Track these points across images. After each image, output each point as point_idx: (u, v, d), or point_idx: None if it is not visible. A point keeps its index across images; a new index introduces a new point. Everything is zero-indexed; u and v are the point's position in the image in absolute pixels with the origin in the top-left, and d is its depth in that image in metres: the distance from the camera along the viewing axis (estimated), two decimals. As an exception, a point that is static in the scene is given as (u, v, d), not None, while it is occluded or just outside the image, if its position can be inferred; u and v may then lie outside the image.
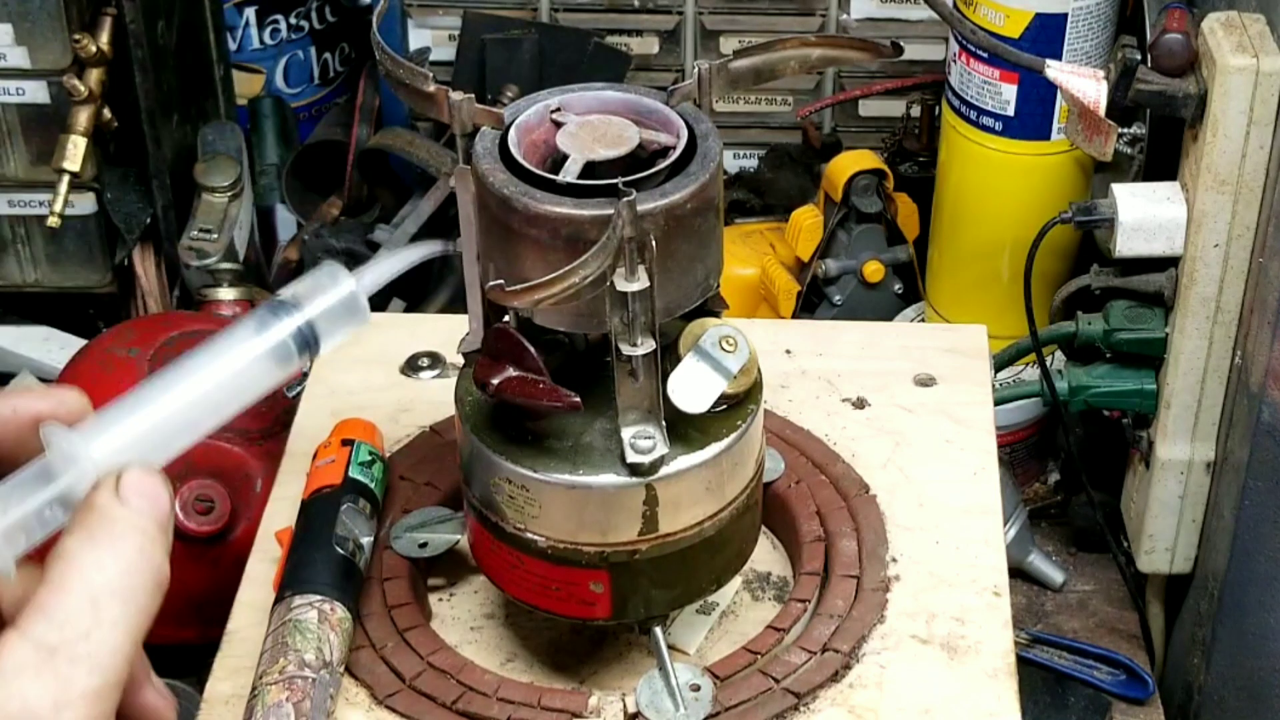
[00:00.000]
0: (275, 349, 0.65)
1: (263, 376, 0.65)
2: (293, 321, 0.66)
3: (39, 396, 0.62)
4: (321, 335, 0.66)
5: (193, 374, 0.63)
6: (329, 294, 0.67)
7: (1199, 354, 1.37)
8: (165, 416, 0.62)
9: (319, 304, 0.66)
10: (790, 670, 0.98)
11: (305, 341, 0.66)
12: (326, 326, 0.67)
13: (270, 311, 0.66)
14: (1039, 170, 1.50)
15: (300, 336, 0.66)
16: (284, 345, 0.65)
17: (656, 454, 0.90)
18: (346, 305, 0.67)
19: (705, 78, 0.92)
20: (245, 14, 1.94)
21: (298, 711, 0.92)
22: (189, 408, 0.62)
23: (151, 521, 0.59)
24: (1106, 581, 1.60)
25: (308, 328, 0.66)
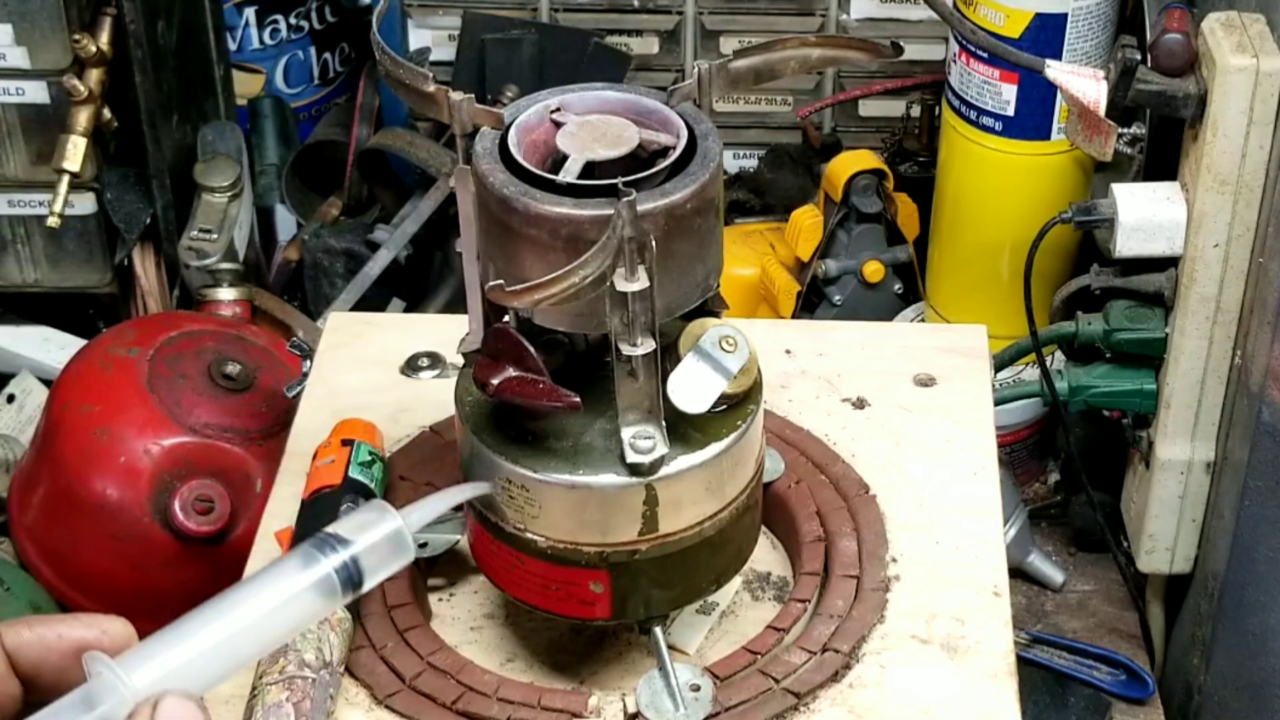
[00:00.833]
0: (319, 584, 0.66)
1: (306, 611, 0.66)
2: (338, 558, 0.67)
3: (84, 625, 0.62)
4: (366, 571, 0.68)
5: (236, 607, 0.63)
6: (375, 530, 0.68)
7: (1199, 354, 1.37)
8: (207, 648, 0.63)
9: (365, 540, 0.68)
10: (790, 670, 0.98)
11: (350, 577, 0.67)
12: (371, 562, 0.68)
13: (316, 547, 0.67)
14: (1039, 170, 1.50)
15: (345, 572, 0.67)
16: (328, 580, 0.66)
17: (656, 454, 0.90)
18: (392, 542, 0.68)
19: (705, 78, 0.92)
20: (245, 14, 1.95)
21: (298, 711, 0.92)
22: (231, 640, 0.63)
23: None
24: (1106, 581, 1.60)
25: (353, 563, 0.67)
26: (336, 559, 0.66)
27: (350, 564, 0.67)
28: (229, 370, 1.46)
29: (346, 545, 0.67)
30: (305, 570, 0.66)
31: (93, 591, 1.45)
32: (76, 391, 1.45)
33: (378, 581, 0.68)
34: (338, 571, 0.66)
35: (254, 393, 1.46)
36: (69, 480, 1.40)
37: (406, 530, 0.70)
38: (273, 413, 1.44)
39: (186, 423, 1.42)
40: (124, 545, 1.40)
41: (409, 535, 0.70)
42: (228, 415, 1.44)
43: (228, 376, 1.46)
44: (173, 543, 1.41)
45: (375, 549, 0.68)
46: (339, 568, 0.66)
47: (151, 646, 0.62)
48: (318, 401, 1.18)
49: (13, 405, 1.71)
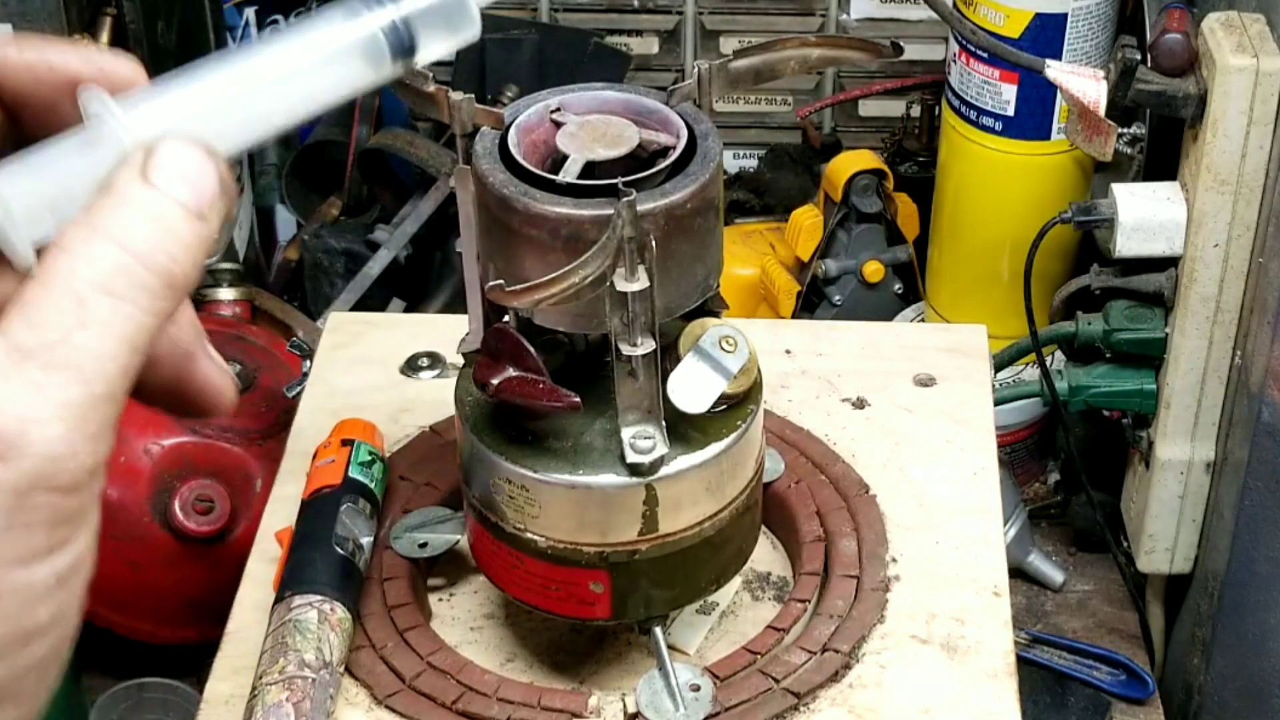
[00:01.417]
0: (365, 41, 0.55)
1: (347, 74, 0.55)
2: (386, 14, 0.56)
3: (81, 58, 0.52)
4: (419, 35, 0.57)
5: (261, 54, 0.53)
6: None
7: (1199, 354, 1.37)
8: (226, 96, 0.52)
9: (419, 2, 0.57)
10: (790, 670, 0.98)
11: (400, 41, 0.56)
12: (427, 28, 0.57)
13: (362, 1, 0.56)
14: (1039, 170, 1.50)
15: (395, 33, 0.56)
16: (375, 39, 0.56)
17: (656, 454, 0.90)
18: (454, 8, 0.58)
19: (705, 78, 0.92)
20: (245, 14, 1.95)
21: (298, 711, 0.92)
22: (254, 91, 0.53)
23: (176, 206, 0.48)
24: (1106, 581, 1.60)
25: (403, 25, 0.56)
26: (385, 14, 0.56)
27: (401, 25, 0.56)
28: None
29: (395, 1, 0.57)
30: (347, 22, 0.55)
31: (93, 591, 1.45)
32: (76, 391, 1.45)
33: (432, 54, 0.58)
34: (386, 30, 0.56)
35: (254, 393, 1.46)
36: (69, 480, 1.40)
37: None
38: (273, 413, 1.44)
39: (186, 423, 1.42)
40: (124, 545, 1.40)
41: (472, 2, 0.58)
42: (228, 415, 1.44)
43: (227, 376, 1.46)
44: (173, 543, 1.41)
45: (431, 11, 0.57)
46: (387, 26, 0.56)
47: (161, 89, 0.52)
48: (318, 401, 1.18)
49: (13, 405, 1.71)
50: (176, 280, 0.48)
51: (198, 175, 0.49)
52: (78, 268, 0.46)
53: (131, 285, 0.47)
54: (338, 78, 0.55)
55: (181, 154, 0.49)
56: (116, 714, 1.51)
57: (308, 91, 0.54)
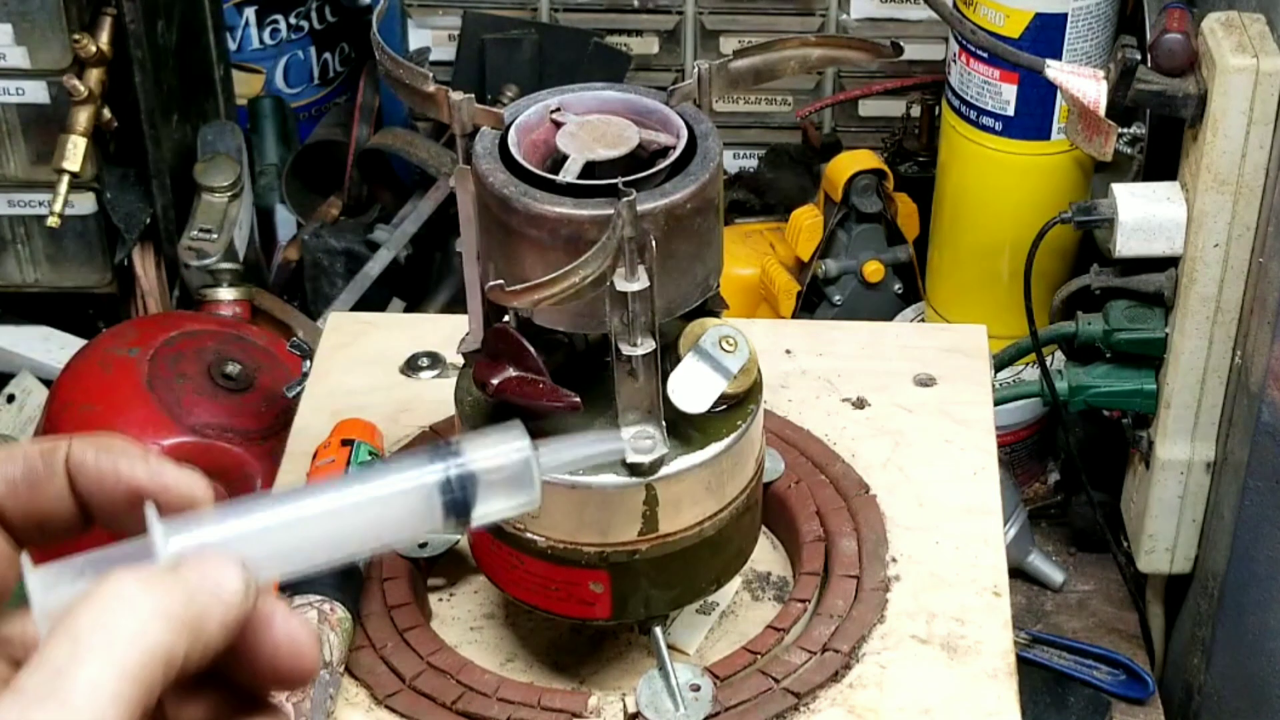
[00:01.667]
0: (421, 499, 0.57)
1: (400, 524, 0.57)
2: (445, 467, 0.57)
3: (147, 471, 0.55)
4: (476, 500, 0.57)
5: (312, 495, 0.56)
6: (497, 450, 0.58)
7: (1199, 354, 1.37)
8: (279, 530, 0.55)
9: (483, 458, 0.58)
10: (790, 670, 0.98)
11: (456, 502, 0.57)
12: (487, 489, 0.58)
13: (427, 453, 0.57)
14: (1039, 170, 1.50)
15: (451, 495, 0.57)
16: (430, 500, 0.57)
17: (656, 454, 0.90)
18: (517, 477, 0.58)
19: (705, 78, 0.92)
20: (245, 14, 1.95)
21: (298, 711, 0.92)
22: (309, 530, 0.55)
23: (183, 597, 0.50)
24: (1106, 581, 1.60)
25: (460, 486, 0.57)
26: (442, 467, 0.57)
27: (458, 485, 0.57)
28: (229, 370, 1.46)
29: (459, 456, 0.57)
30: (405, 472, 0.57)
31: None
32: (76, 391, 1.45)
33: (489, 517, 0.58)
34: (440, 485, 0.57)
35: (254, 393, 1.46)
36: (69, 480, 1.40)
37: (535, 463, 0.59)
38: (273, 413, 1.44)
39: (186, 423, 1.42)
40: (124, 545, 1.40)
41: (536, 470, 0.59)
42: (228, 415, 1.44)
43: (228, 376, 1.46)
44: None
45: (493, 473, 0.57)
46: (442, 480, 0.57)
47: (217, 515, 0.54)
48: (318, 401, 1.18)
49: (13, 405, 1.71)
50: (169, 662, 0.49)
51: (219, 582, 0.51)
52: (78, 615, 0.49)
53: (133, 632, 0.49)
54: (390, 526, 0.57)
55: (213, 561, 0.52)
56: None
57: (359, 534, 0.57)
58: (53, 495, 0.56)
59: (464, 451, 0.58)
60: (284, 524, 0.55)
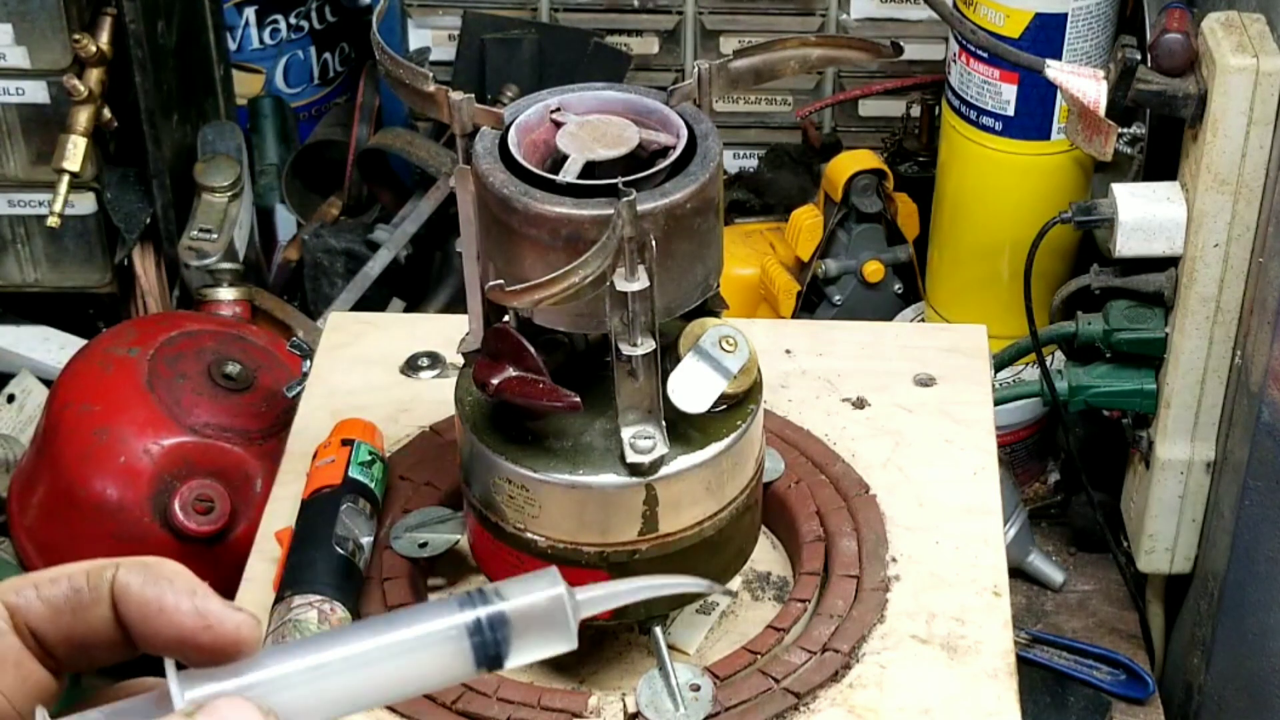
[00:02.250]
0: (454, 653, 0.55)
1: (433, 674, 0.55)
2: (476, 612, 0.55)
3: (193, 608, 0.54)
4: (510, 649, 0.56)
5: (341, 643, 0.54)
6: (533, 594, 0.57)
7: (1199, 354, 1.37)
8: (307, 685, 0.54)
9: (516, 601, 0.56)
10: (790, 670, 0.98)
11: (487, 653, 0.56)
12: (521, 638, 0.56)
13: (460, 601, 0.56)
14: (1039, 170, 1.50)
15: (483, 647, 0.55)
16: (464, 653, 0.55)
17: (656, 454, 0.90)
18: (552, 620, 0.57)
19: (705, 78, 0.92)
20: (245, 14, 1.95)
21: (298, 711, 0.92)
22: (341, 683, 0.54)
23: None
24: (1106, 581, 1.60)
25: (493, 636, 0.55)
26: (473, 613, 0.55)
27: (490, 636, 0.55)
28: (229, 370, 1.46)
29: (492, 602, 0.56)
30: (434, 621, 0.55)
31: (93, 591, 1.45)
32: (76, 391, 1.45)
33: (522, 661, 0.57)
34: (469, 628, 0.55)
35: (254, 393, 1.46)
36: (69, 480, 1.40)
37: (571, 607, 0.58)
38: (273, 413, 1.43)
39: (186, 423, 1.42)
40: (124, 545, 1.40)
41: (572, 616, 0.58)
42: (228, 415, 1.44)
43: (228, 376, 1.46)
44: (173, 543, 1.41)
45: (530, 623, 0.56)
46: (470, 624, 0.55)
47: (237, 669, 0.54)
48: (318, 401, 1.18)
49: (13, 405, 1.71)
50: None
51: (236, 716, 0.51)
52: None
53: None
54: (423, 677, 0.56)
55: (235, 711, 0.51)
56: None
57: (392, 685, 0.55)
58: (96, 620, 0.55)
59: (497, 596, 0.56)
60: (311, 675, 0.54)
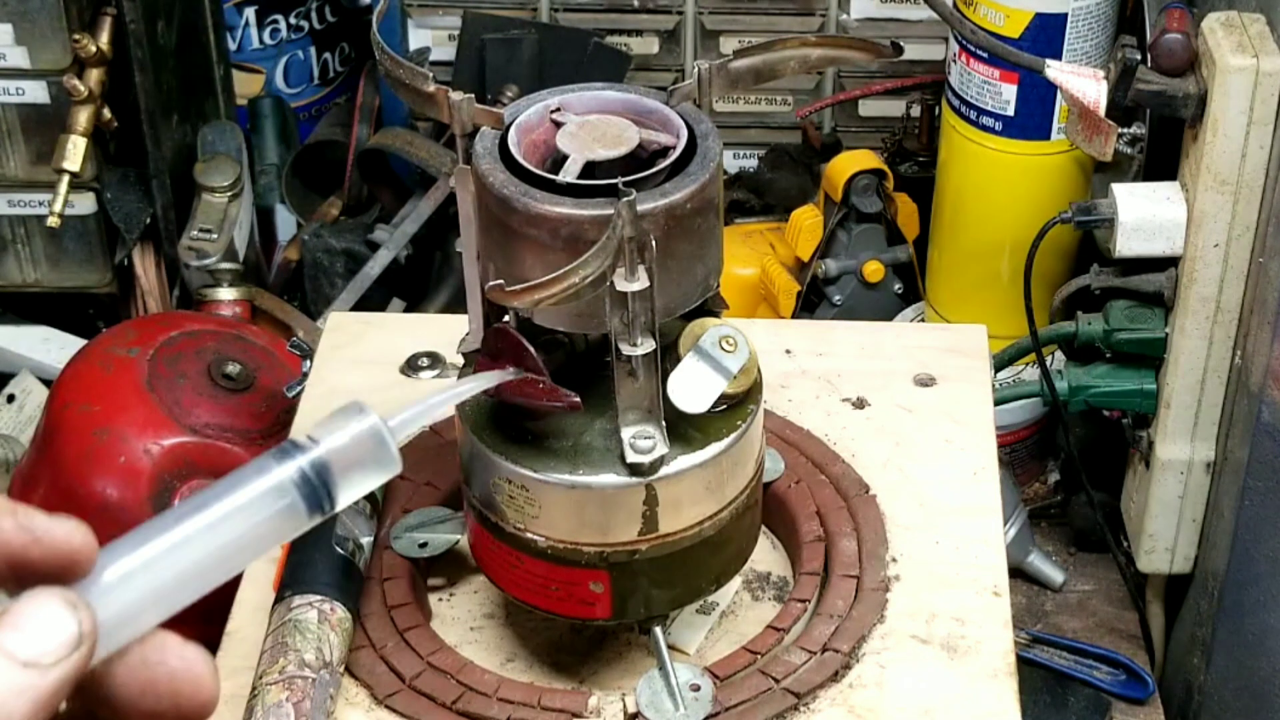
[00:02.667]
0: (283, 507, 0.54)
1: (265, 530, 0.54)
2: (295, 464, 0.55)
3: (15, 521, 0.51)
4: (338, 488, 0.55)
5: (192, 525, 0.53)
6: (346, 431, 0.56)
7: (1199, 354, 1.37)
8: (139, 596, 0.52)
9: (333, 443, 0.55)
10: (790, 670, 0.98)
11: (316, 496, 0.55)
12: (348, 477, 0.55)
13: (277, 455, 0.55)
14: (1039, 170, 1.50)
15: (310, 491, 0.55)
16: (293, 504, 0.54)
17: (656, 454, 0.90)
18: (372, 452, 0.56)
19: (705, 78, 0.92)
20: (245, 14, 1.95)
21: (298, 711, 0.92)
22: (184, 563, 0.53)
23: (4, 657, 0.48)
24: (1106, 581, 1.60)
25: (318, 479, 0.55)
26: (294, 465, 0.54)
27: (315, 479, 0.55)
28: (229, 370, 1.46)
29: (309, 450, 0.55)
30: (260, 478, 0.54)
31: (93, 591, 1.45)
32: (76, 391, 1.45)
33: (352, 498, 0.56)
34: (297, 480, 0.54)
35: (254, 393, 1.46)
36: (69, 480, 1.40)
37: (387, 431, 0.56)
38: (273, 413, 1.43)
39: (186, 423, 1.42)
40: (124, 545, 1.40)
41: (391, 440, 0.56)
42: (228, 415, 1.44)
43: (228, 376, 1.46)
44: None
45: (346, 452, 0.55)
46: (297, 476, 0.54)
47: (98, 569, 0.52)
48: (318, 401, 1.18)
49: (13, 405, 1.71)
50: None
51: (44, 628, 0.49)
52: None
53: None
54: (259, 541, 0.55)
55: (33, 607, 0.49)
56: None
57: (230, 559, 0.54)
58: None
59: (313, 443, 0.55)
60: (145, 568, 0.52)
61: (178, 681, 0.53)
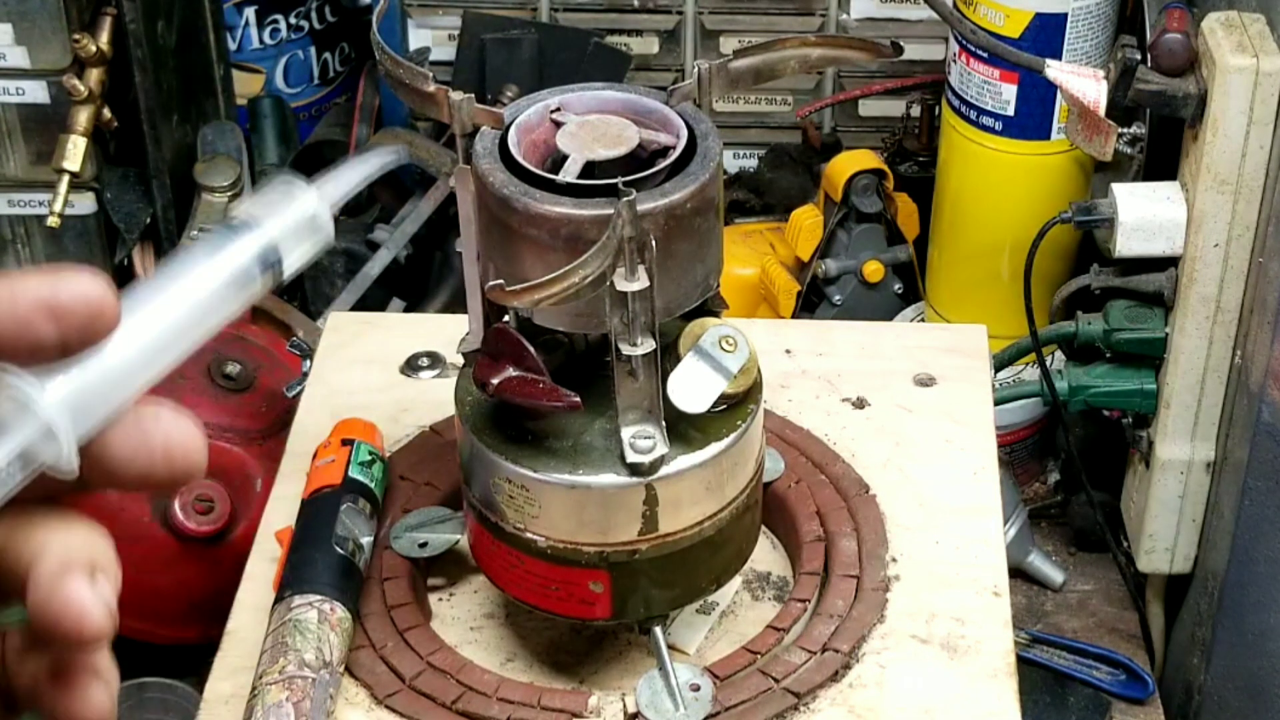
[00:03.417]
0: (237, 275, 0.59)
1: (224, 305, 0.58)
2: (254, 241, 0.59)
3: (40, 279, 0.52)
4: (285, 255, 0.60)
5: (153, 308, 0.57)
6: (289, 210, 0.60)
7: (1199, 354, 1.37)
8: (131, 356, 0.55)
9: (279, 222, 0.60)
10: (790, 670, 0.98)
11: (268, 264, 0.59)
12: (289, 246, 0.60)
13: (228, 234, 0.59)
14: (1039, 170, 1.50)
15: (263, 260, 0.59)
16: (246, 270, 0.59)
17: (656, 454, 0.90)
18: (308, 222, 0.61)
19: (705, 78, 0.92)
20: (245, 14, 1.94)
21: (298, 711, 0.92)
22: (153, 346, 0.56)
23: None
24: (1106, 581, 1.60)
25: (270, 250, 0.59)
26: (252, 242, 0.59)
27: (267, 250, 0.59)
28: (229, 370, 1.46)
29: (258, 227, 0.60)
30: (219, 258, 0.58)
31: (93, 591, 1.45)
32: (76, 391, 1.45)
33: (297, 267, 0.61)
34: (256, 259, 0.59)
35: (254, 393, 1.46)
36: (69, 480, 1.40)
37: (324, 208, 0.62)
38: (273, 413, 1.43)
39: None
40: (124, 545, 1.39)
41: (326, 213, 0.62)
42: (228, 415, 1.44)
43: (228, 376, 1.46)
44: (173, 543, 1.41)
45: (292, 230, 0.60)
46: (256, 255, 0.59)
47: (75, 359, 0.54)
48: (318, 401, 1.18)
49: (13, 405, 1.71)
50: None
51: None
52: None
53: None
54: (214, 311, 0.58)
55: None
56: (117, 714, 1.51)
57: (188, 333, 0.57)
58: None
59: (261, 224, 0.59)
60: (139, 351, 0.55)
61: (171, 446, 0.54)
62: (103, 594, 0.53)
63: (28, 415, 0.52)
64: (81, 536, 0.54)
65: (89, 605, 0.52)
